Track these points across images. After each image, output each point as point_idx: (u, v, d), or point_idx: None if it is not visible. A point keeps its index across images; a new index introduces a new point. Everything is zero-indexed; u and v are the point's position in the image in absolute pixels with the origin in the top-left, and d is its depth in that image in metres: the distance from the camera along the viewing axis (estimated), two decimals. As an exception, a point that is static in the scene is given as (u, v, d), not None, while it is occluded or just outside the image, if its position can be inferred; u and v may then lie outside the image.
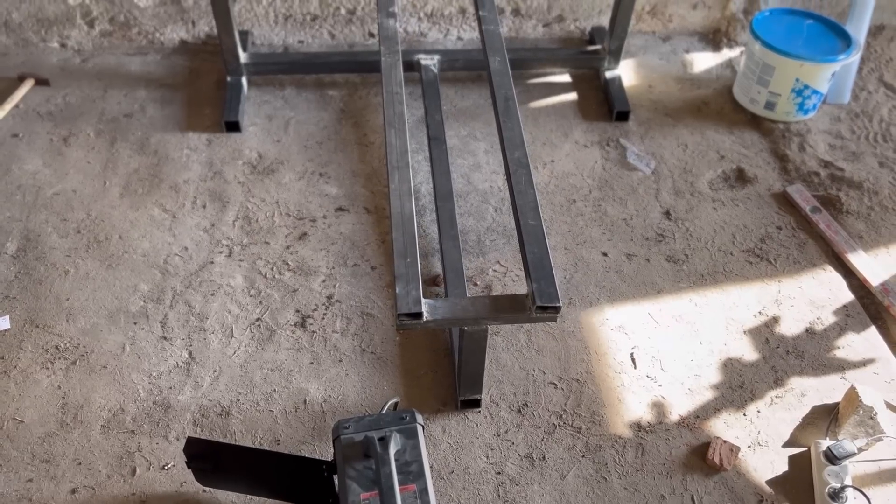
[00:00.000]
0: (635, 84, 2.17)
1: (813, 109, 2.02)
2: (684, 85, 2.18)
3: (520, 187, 1.37)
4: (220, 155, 1.90)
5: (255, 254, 1.68)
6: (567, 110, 2.09)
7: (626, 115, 2.04)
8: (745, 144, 1.99)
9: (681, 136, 2.01)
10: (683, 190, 1.87)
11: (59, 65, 2.13)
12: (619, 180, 1.89)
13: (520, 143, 1.45)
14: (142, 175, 1.84)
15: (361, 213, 1.78)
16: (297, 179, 1.86)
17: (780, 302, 1.62)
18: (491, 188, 1.87)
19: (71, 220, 1.72)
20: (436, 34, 2.29)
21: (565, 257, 1.70)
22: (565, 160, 1.94)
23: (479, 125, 2.04)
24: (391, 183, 1.38)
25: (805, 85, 1.94)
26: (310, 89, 2.11)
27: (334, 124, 2.01)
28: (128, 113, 2.00)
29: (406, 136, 1.47)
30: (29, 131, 1.93)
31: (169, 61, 2.17)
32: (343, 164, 1.90)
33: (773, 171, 1.92)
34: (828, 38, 1.98)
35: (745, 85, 2.05)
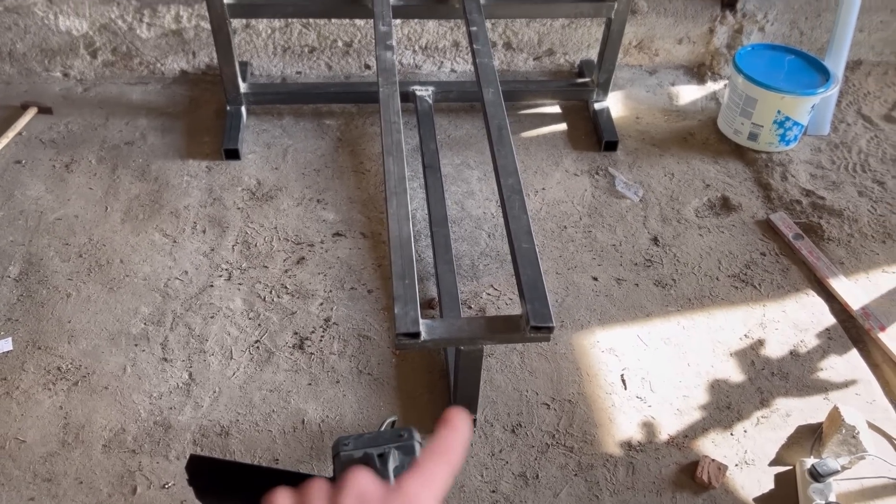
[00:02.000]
0: (623, 115, 2.24)
1: (794, 140, 2.10)
2: (670, 116, 2.25)
3: (513, 212, 1.42)
4: (219, 182, 1.95)
5: (254, 277, 1.71)
6: (557, 140, 2.15)
7: (614, 145, 2.11)
8: (729, 174, 2.06)
9: (667, 165, 2.08)
10: (670, 217, 1.93)
11: (62, 94, 2.18)
12: (609, 208, 1.95)
13: (513, 170, 1.50)
14: (143, 201, 1.88)
15: (358, 238, 1.83)
16: (295, 205, 1.90)
17: (764, 325, 1.67)
18: (484, 214, 1.92)
19: (73, 245, 1.76)
20: (430, 66, 2.36)
21: (557, 281, 1.75)
22: (556, 188, 2.00)
23: (473, 154, 2.09)
24: (389, 207, 1.43)
25: (786, 117, 2.01)
26: (307, 118, 2.17)
27: (331, 152, 2.07)
28: (129, 140, 2.04)
29: (403, 163, 1.51)
30: (32, 158, 1.97)
31: (170, 91, 2.22)
32: (340, 191, 1.95)
33: (757, 200, 1.98)
34: (808, 73, 2.07)
35: (728, 116, 2.13)
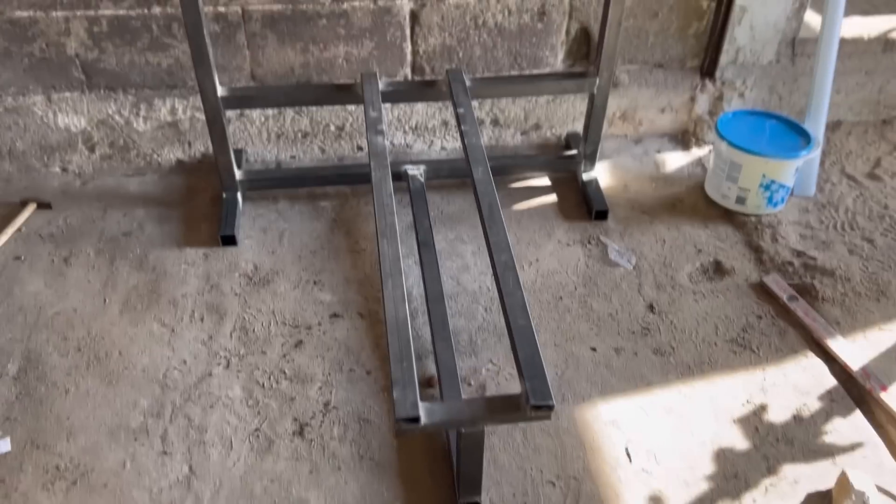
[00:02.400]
0: (612, 184, 2.28)
1: (782, 202, 2.13)
2: (658, 183, 2.29)
3: (508, 288, 1.44)
4: (216, 268, 1.97)
5: (253, 364, 1.71)
6: (549, 212, 2.18)
7: (604, 214, 2.14)
8: (720, 238, 2.08)
9: (658, 232, 2.10)
10: (665, 283, 1.94)
11: (61, 188, 2.22)
12: (603, 276, 1.96)
13: (505, 246, 1.53)
14: (141, 291, 1.89)
15: (355, 318, 1.84)
16: (292, 288, 1.92)
17: (766, 390, 1.66)
18: (480, 288, 1.93)
19: (71, 339, 1.76)
20: (421, 145, 2.42)
21: (556, 354, 1.75)
22: (550, 259, 2.02)
23: (466, 228, 2.12)
24: (385, 289, 1.44)
25: (772, 180, 2.05)
26: (302, 202, 2.20)
27: (327, 234, 2.09)
28: (127, 231, 2.07)
29: (397, 244, 1.54)
30: (31, 253, 1.99)
31: (166, 181, 2.27)
32: (336, 272, 1.97)
33: (749, 263, 2.00)
34: (789, 136, 2.12)
35: (715, 182, 2.17)
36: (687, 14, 2.23)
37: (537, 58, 2.26)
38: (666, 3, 2.20)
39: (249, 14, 2.05)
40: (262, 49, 2.12)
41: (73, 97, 2.13)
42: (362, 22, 2.11)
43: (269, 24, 2.07)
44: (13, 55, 2.03)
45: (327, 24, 2.09)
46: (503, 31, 2.19)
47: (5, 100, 2.11)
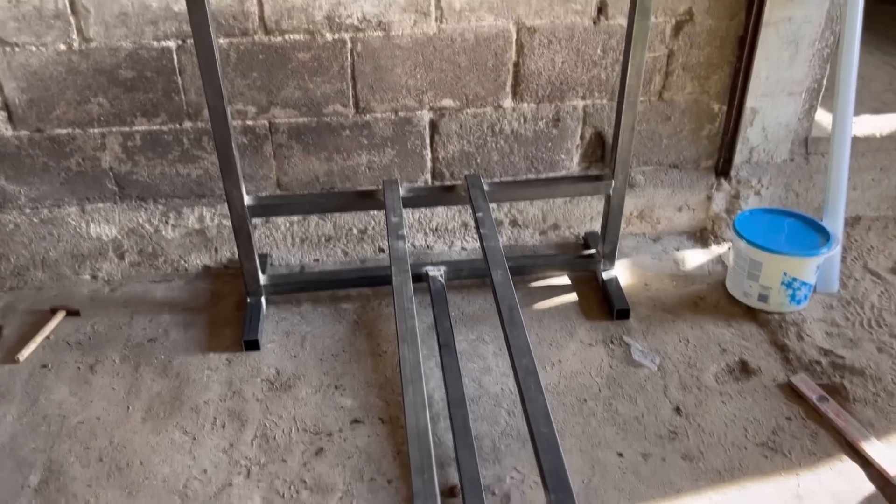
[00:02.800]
0: (632, 283, 2.29)
1: (805, 300, 2.12)
2: (679, 281, 2.29)
3: (529, 394, 1.43)
4: (239, 373, 1.97)
5: (273, 473, 1.69)
6: (569, 311, 2.18)
7: (626, 314, 2.14)
8: (744, 336, 2.06)
9: (681, 331, 2.09)
10: (690, 385, 1.91)
11: (90, 295, 2.27)
12: (627, 378, 1.94)
13: (526, 350, 1.52)
14: (164, 398, 1.90)
15: (376, 423, 1.82)
16: (313, 393, 1.91)
17: (801, 497, 1.60)
18: (502, 391, 1.91)
19: (93, 448, 1.76)
20: (441, 246, 2.45)
21: (581, 460, 1.71)
22: (572, 359, 2.01)
23: (487, 329, 2.12)
24: (406, 396, 1.44)
25: (793, 278, 2.05)
26: (325, 304, 2.23)
27: (349, 336, 2.11)
28: (152, 338, 2.10)
29: (418, 349, 1.54)
30: (58, 361, 2.02)
31: (192, 286, 2.31)
32: (357, 375, 1.97)
33: (776, 362, 1.97)
34: (808, 233, 2.12)
35: (736, 280, 2.16)
36: (699, 117, 2.29)
37: (553, 161, 2.32)
38: (678, 108, 2.26)
39: (276, 126, 2.14)
40: (288, 159, 2.20)
41: (106, 207, 2.21)
42: (384, 132, 2.19)
43: (294, 135, 2.16)
44: (51, 170, 2.12)
45: (350, 134, 2.18)
46: (519, 138, 2.26)
47: (41, 211, 2.19)
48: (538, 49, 2.11)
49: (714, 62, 2.19)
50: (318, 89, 2.09)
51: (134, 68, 2.00)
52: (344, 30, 2.01)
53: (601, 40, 2.12)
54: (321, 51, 2.03)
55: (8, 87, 1.98)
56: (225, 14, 1.95)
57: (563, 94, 2.20)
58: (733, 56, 2.19)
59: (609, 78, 2.18)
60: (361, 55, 2.05)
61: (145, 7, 1.92)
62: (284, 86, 2.07)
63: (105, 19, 1.92)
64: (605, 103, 2.23)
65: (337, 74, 2.08)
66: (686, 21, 2.12)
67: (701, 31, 2.13)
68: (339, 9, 1.98)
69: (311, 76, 2.07)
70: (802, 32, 2.16)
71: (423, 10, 2.01)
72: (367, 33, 2.03)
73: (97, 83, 2.01)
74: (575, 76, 2.17)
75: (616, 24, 2.10)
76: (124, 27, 1.94)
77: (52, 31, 1.92)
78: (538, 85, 2.17)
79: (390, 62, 2.08)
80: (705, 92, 2.24)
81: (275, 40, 2.00)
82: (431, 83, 2.13)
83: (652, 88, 2.22)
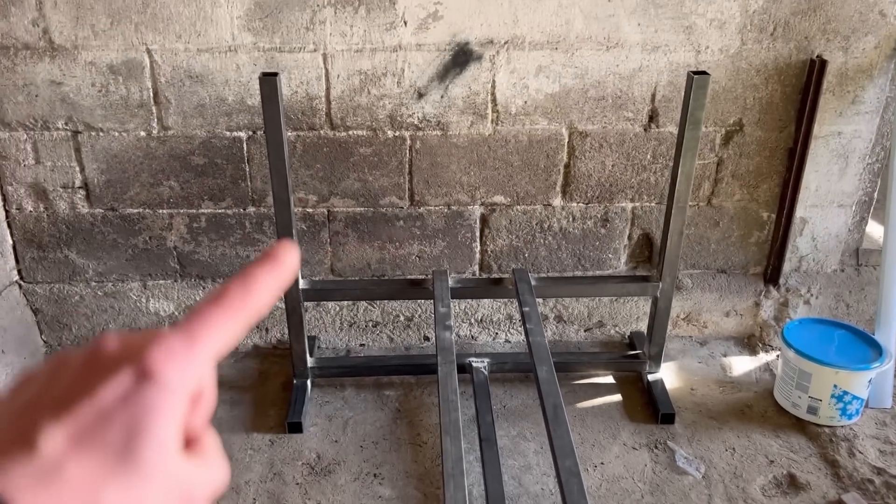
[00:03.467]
0: (678, 386, 2.26)
1: (856, 414, 2.07)
2: (725, 388, 2.26)
3: (572, 497, 1.41)
4: (280, 455, 1.99)
5: (309, 560, 1.69)
6: (613, 411, 2.16)
7: (671, 418, 2.11)
8: (793, 449, 2.01)
9: (727, 439, 2.05)
10: (736, 496, 1.86)
11: (143, 367, 2.34)
12: (671, 485, 1.90)
13: (570, 451, 1.52)
14: (206, 475, 1.92)
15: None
16: (352, 480, 1.91)
17: None
18: (542, 491, 1.89)
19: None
20: (485, 337, 2.48)
21: (621, 569, 1.66)
22: (615, 462, 1.98)
23: (529, 425, 2.11)
24: (447, 491, 1.44)
25: (844, 391, 2.01)
26: (368, 390, 2.25)
27: (390, 424, 2.12)
28: (199, 413, 2.14)
29: (461, 443, 1.55)
30: (108, 431, 2.07)
31: (241, 364, 2.37)
32: (397, 465, 1.97)
33: (826, 478, 1.91)
34: (859, 347, 2.09)
35: (784, 389, 2.13)
36: (748, 224, 2.31)
37: (600, 260, 2.36)
38: (726, 214, 2.29)
39: (334, 215, 2.23)
40: (343, 246, 2.28)
41: (167, 284, 2.31)
42: (436, 224, 2.26)
43: (351, 223, 2.24)
44: (119, 246, 2.24)
45: (404, 225, 2.26)
46: (567, 235, 2.31)
47: (105, 285, 2.30)
48: (589, 152, 2.18)
49: (763, 172, 2.23)
50: (376, 182, 2.19)
51: (206, 155, 2.12)
52: (405, 128, 2.12)
53: (651, 146, 2.18)
54: (382, 146, 2.14)
55: (89, 167, 2.12)
56: (295, 109, 2.07)
57: (612, 196, 2.25)
58: (783, 167, 2.23)
59: (658, 182, 2.24)
60: (419, 152, 2.15)
61: (221, 100, 2.05)
62: (345, 177, 2.17)
63: (184, 110, 2.06)
64: (654, 206, 2.27)
65: (395, 169, 2.17)
66: (736, 131, 2.17)
67: (750, 141, 2.19)
68: (401, 109, 2.09)
69: (370, 169, 2.17)
70: (853, 147, 2.19)
71: (480, 113, 2.11)
72: (426, 132, 2.13)
73: (170, 167, 2.14)
74: (624, 179, 2.23)
75: (666, 131, 2.16)
76: (201, 117, 2.07)
77: (135, 119, 2.06)
78: (588, 186, 2.23)
79: (446, 159, 2.17)
80: (754, 200, 2.28)
81: (339, 135, 2.12)
82: (484, 180, 2.21)
83: (701, 194, 2.26)
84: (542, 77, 2.07)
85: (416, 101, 2.08)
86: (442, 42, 2.01)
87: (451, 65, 2.05)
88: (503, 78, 2.07)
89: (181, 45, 1.98)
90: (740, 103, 2.13)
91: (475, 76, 2.06)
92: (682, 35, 2.03)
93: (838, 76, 2.09)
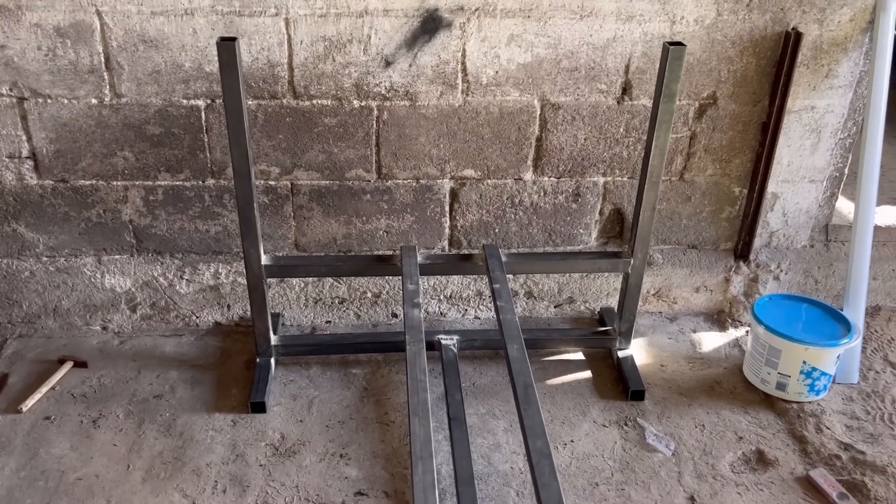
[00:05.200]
0: (647, 363, 2.25)
1: (824, 390, 2.07)
2: (695, 364, 2.25)
3: (543, 479, 1.38)
4: (243, 436, 1.93)
5: (273, 544, 1.64)
6: (583, 388, 2.14)
7: (641, 395, 2.09)
8: (761, 425, 2.01)
9: (697, 416, 2.04)
10: (706, 473, 1.85)
11: (98, 347, 2.25)
12: (640, 462, 1.89)
13: (541, 431, 1.48)
14: (165, 458, 1.86)
15: (381, 497, 1.77)
16: (317, 461, 1.87)
17: None
18: (512, 469, 1.86)
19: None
20: (455, 314, 2.43)
21: (591, 549, 1.65)
22: (585, 440, 1.96)
23: (498, 402, 2.08)
24: (415, 474, 1.40)
25: (813, 367, 2.01)
26: (334, 368, 2.20)
27: (356, 403, 2.07)
28: (158, 394, 2.07)
29: (429, 424, 1.51)
30: (61, 413, 1.99)
31: (202, 342, 2.29)
32: (364, 445, 1.92)
33: (794, 454, 1.91)
34: (828, 323, 2.09)
35: (754, 365, 2.12)
36: (719, 200, 2.29)
37: (571, 235, 2.32)
38: (698, 189, 2.27)
39: (298, 188, 2.15)
40: (308, 220, 2.20)
41: (122, 259, 2.21)
42: (404, 198, 2.20)
43: (316, 197, 2.17)
44: (71, 219, 2.13)
45: (371, 199, 2.19)
46: (538, 210, 2.26)
47: (58, 260, 2.19)
48: (561, 125, 2.13)
49: (736, 146, 2.20)
50: (341, 154, 2.11)
51: (162, 125, 2.02)
52: (371, 98, 2.04)
53: (624, 119, 2.14)
54: (347, 117, 2.06)
55: (37, 136, 2.01)
56: (255, 77, 1.98)
57: (584, 170, 2.21)
58: (755, 141, 2.20)
59: (631, 156, 2.19)
60: (387, 123, 2.08)
61: (178, 66, 1.95)
62: (309, 149, 2.09)
63: (138, 76, 1.95)
64: (626, 181, 2.24)
65: (362, 140, 2.09)
66: (709, 105, 2.14)
67: (724, 115, 2.15)
68: (367, 77, 2.01)
69: (336, 140, 2.09)
70: (825, 122, 2.17)
71: (450, 83, 2.04)
72: (394, 102, 2.05)
73: (124, 137, 2.03)
74: (597, 153, 2.18)
75: (640, 104, 2.12)
76: (156, 84, 1.97)
77: (86, 86, 1.95)
78: (560, 160, 2.18)
79: (415, 131, 2.10)
80: (726, 175, 2.25)
81: (303, 104, 2.03)
82: (454, 153, 2.14)
83: (673, 169, 2.23)
84: (514, 46, 2.00)
85: (384, 70, 2.00)
86: (410, 8, 1.93)
87: (420, 32, 1.97)
88: (474, 46, 2.00)
89: (133, 7, 1.87)
90: (715, 76, 2.09)
91: (445, 44, 1.99)
92: (658, 4, 1.98)
93: (813, 49, 2.06)
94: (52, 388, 2.06)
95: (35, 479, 1.79)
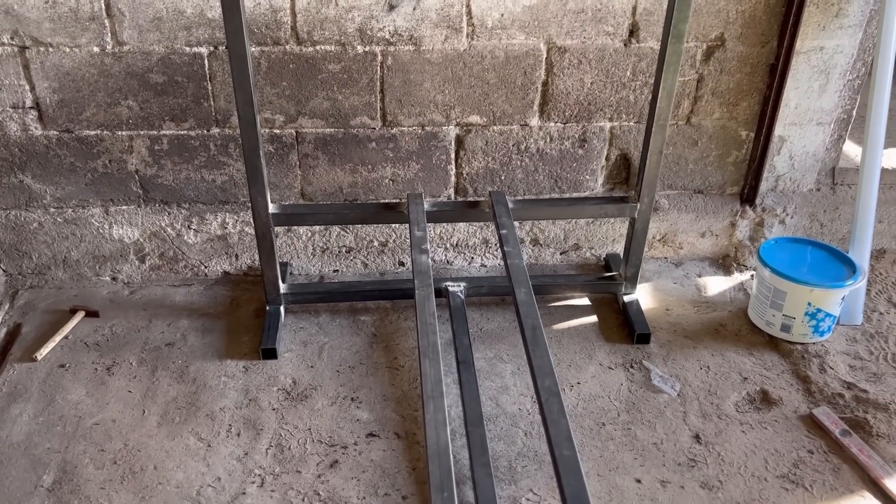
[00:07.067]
0: (653, 307, 2.27)
1: (828, 331, 2.09)
2: (700, 307, 2.27)
3: (552, 416, 1.41)
4: (255, 382, 1.96)
5: (287, 483, 1.68)
6: (589, 333, 2.17)
7: (647, 338, 2.12)
8: (766, 366, 2.04)
9: (702, 357, 2.07)
10: (710, 413, 1.89)
11: (109, 297, 2.28)
12: (646, 403, 1.92)
13: (549, 371, 1.51)
14: (179, 403, 1.89)
15: (392, 438, 1.80)
16: (329, 405, 1.90)
17: (823, 532, 1.58)
18: (520, 411, 1.89)
19: (108, 451, 1.75)
20: (461, 262, 2.45)
21: (599, 485, 1.69)
22: (591, 382, 1.99)
23: (505, 347, 2.11)
24: (426, 413, 1.42)
25: (817, 308, 2.03)
26: (343, 315, 2.22)
27: (366, 349, 2.09)
28: (170, 342, 2.10)
29: (440, 365, 1.53)
30: (75, 361, 2.02)
31: (211, 291, 2.31)
32: (374, 389, 1.96)
33: (797, 393, 1.94)
34: (833, 265, 2.10)
35: (759, 308, 2.14)
36: (726, 143, 2.28)
37: (578, 181, 2.31)
38: (705, 133, 2.25)
39: (303, 136, 2.14)
40: (314, 169, 2.20)
41: (130, 210, 2.22)
42: (410, 146, 2.19)
43: (321, 145, 2.16)
44: (78, 170, 2.13)
45: (377, 147, 2.18)
46: (545, 156, 2.25)
47: (65, 211, 2.20)
48: (568, 69, 2.11)
49: (744, 89, 2.18)
50: (346, 101, 2.09)
51: (165, 73, 2.01)
52: (375, 43, 2.02)
53: (631, 62, 2.12)
54: (351, 63, 2.04)
55: (40, 86, 1.99)
56: (258, 23, 1.96)
57: (590, 115, 2.19)
58: (763, 83, 2.18)
59: (637, 100, 2.18)
60: (391, 69, 2.06)
61: (179, 13, 1.93)
62: (313, 96, 2.08)
63: (139, 23, 1.93)
64: (633, 125, 2.22)
65: (366, 87, 2.08)
66: (717, 46, 2.11)
67: (732, 57, 2.13)
68: (371, 22, 1.98)
69: (340, 87, 2.07)
70: (834, 62, 2.15)
71: (454, 27, 2.01)
72: (398, 47, 2.03)
73: (128, 86, 2.02)
74: (603, 97, 2.16)
75: (647, 46, 2.09)
76: (158, 32, 1.95)
77: (87, 34, 1.93)
78: (566, 105, 2.17)
79: (419, 76, 2.08)
80: (733, 118, 2.23)
81: (306, 50, 2.01)
82: (459, 99, 2.13)
83: (680, 112, 2.21)
84: (520, -12, 1.98)
85: (387, 14, 1.98)
86: (414, -51, 1.90)
87: (424, -26, 1.94)
88: (479, -11, 1.97)
89: (133, -48, 1.84)
90: (723, 17, 2.06)
91: (449, -13, 1.96)
92: (666, -57, 1.95)
93: (823, -12, 2.03)
94: (65, 336, 2.09)
95: (53, 423, 1.83)
